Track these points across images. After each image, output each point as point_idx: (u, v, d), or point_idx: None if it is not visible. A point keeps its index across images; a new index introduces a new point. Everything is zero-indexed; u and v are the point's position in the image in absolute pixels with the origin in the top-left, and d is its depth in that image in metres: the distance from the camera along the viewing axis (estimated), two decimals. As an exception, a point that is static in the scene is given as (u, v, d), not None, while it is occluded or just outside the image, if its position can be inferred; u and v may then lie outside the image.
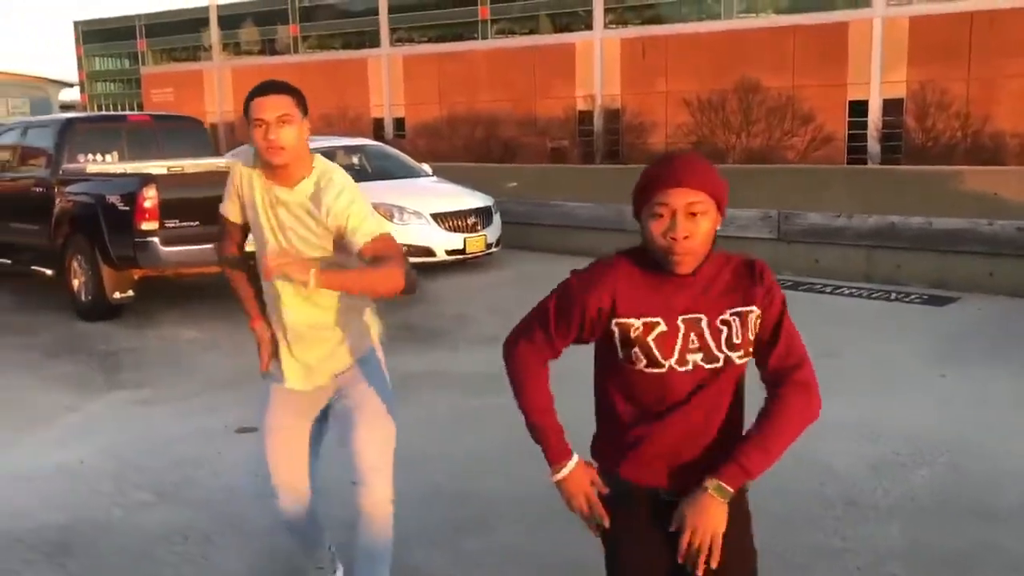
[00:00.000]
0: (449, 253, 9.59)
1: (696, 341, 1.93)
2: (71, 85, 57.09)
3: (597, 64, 40.44)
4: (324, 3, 46.31)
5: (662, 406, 1.96)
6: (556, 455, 1.99)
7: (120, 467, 4.51)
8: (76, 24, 57.73)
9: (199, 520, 3.89)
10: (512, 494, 4.00)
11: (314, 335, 2.80)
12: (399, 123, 42.47)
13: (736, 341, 1.94)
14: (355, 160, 10.90)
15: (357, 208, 2.63)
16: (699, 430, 1.96)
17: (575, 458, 2.00)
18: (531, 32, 43.28)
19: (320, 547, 3.16)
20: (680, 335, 1.93)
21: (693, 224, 1.87)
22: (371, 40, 43.76)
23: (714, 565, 1.90)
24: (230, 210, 2.87)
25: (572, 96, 40.75)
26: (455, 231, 9.59)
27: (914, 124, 33.74)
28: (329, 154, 10.70)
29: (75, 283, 7.80)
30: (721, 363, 1.93)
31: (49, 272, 8.18)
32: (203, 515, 3.94)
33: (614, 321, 1.94)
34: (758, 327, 1.97)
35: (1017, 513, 3.77)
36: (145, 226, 7.05)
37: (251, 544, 3.67)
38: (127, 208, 7.11)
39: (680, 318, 1.93)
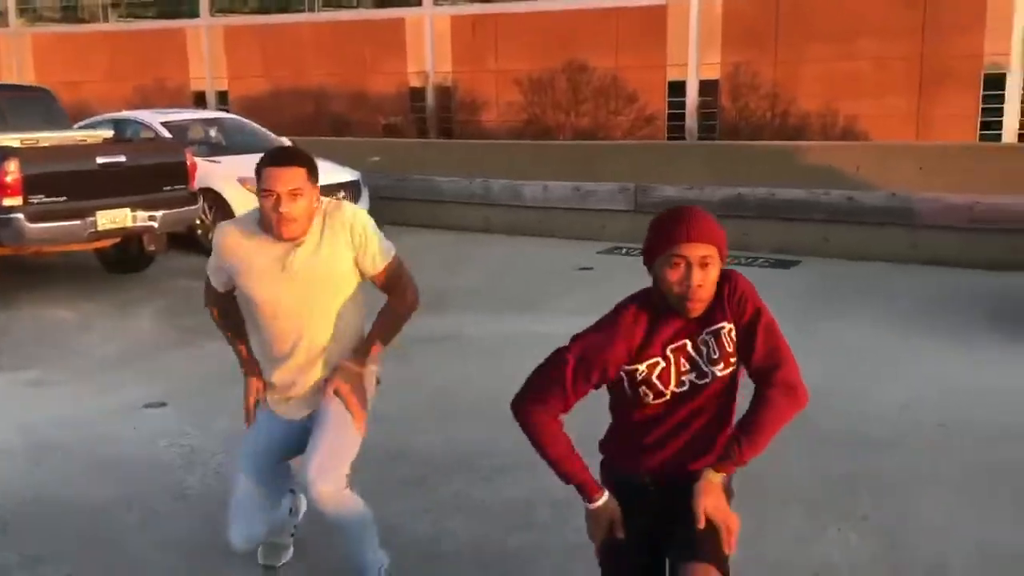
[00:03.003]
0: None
1: (687, 364, 2.23)
2: None
3: (428, 41, 40.33)
4: (136, -32, 43.57)
5: (667, 420, 2.29)
6: (591, 491, 2.27)
7: (33, 446, 4.37)
8: None
9: (138, 492, 3.86)
10: (446, 451, 4.23)
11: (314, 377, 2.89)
12: (222, 96, 40.79)
13: (714, 356, 2.22)
14: (212, 134, 10.57)
15: (372, 231, 2.77)
16: (693, 430, 2.30)
17: (606, 493, 2.28)
18: (359, 6, 42.56)
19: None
20: (672, 364, 2.23)
21: (705, 274, 2.14)
22: (189, 10, 41.71)
23: (733, 527, 2.19)
24: (218, 283, 2.90)
25: (404, 72, 40.46)
26: (324, 206, 9.45)
27: (728, 104, 35.88)
28: (184, 127, 10.37)
29: (-79, 264, 7.26)
30: (710, 378, 2.24)
31: None
32: (140, 488, 3.91)
33: (623, 369, 2.23)
34: (735, 338, 2.22)
35: (889, 443, 4.36)
36: (8, 202, 6.66)
37: (197, 510, 3.69)
38: (-14, 183, 6.68)
39: (668, 348, 2.23)
